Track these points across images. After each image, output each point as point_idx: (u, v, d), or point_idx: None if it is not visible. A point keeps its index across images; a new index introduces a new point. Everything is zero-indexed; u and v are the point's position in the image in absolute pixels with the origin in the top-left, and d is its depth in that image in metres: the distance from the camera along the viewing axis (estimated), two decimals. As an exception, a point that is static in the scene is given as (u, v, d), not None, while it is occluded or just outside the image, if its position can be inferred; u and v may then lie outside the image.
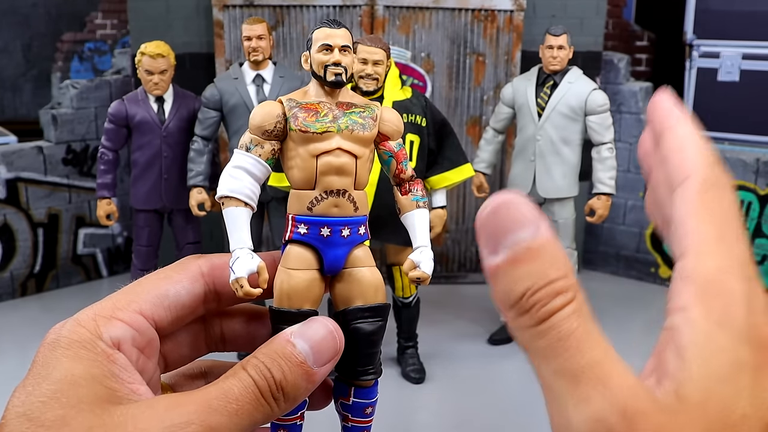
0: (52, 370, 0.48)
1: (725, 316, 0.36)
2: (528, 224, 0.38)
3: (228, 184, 0.66)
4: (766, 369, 0.36)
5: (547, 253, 0.37)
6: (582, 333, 0.37)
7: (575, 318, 0.37)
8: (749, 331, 0.36)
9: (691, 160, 0.41)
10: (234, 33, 4.72)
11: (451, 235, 5.22)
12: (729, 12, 5.16)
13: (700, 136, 0.42)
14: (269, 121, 0.67)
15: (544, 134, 3.87)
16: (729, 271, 0.37)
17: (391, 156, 0.71)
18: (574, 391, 0.36)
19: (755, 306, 0.37)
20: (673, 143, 0.42)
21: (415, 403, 3.61)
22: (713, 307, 0.37)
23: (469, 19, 4.86)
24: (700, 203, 0.39)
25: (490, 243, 0.38)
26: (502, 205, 0.38)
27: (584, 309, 0.37)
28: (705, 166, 0.40)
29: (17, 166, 4.75)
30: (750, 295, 0.37)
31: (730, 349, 0.36)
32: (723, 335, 0.36)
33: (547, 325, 0.37)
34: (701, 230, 0.39)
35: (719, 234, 0.38)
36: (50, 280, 5.03)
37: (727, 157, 4.92)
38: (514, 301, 0.38)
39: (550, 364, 0.37)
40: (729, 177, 0.41)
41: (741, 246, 0.38)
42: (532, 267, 0.37)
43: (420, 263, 0.69)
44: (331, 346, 0.56)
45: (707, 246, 0.38)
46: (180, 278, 0.58)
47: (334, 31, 0.69)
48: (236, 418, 0.49)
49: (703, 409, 0.35)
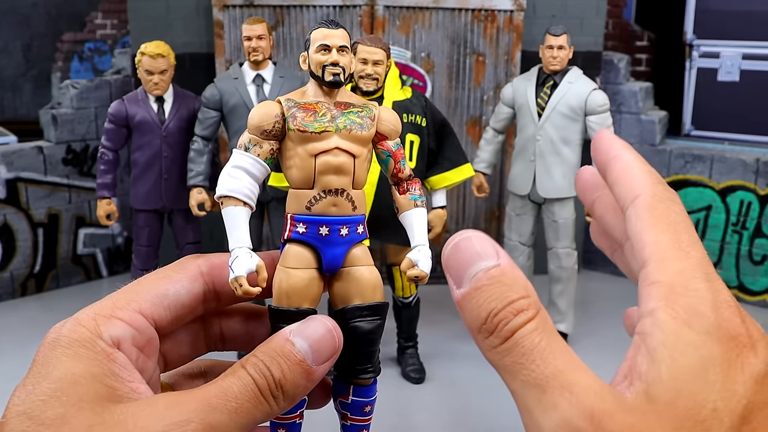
0: (52, 369, 0.48)
1: (692, 314, 0.38)
2: (487, 256, 0.41)
3: (227, 184, 0.66)
4: (736, 362, 0.37)
5: (507, 278, 0.41)
6: (545, 346, 0.39)
7: (537, 333, 0.39)
8: (717, 327, 0.38)
9: (639, 181, 0.44)
10: (234, 33, 4.73)
11: (451, 235, 5.22)
12: (729, 12, 5.16)
13: (643, 160, 0.45)
14: (268, 120, 0.67)
15: (544, 134, 3.87)
16: (691, 273, 0.39)
17: (389, 155, 0.72)
18: (542, 399, 0.38)
19: (720, 302, 0.39)
20: (620, 168, 0.45)
21: (415, 403, 3.61)
22: (680, 308, 0.38)
23: (469, 19, 4.86)
24: (653, 216, 0.42)
25: (456, 277, 0.42)
26: (463, 241, 0.42)
27: (546, 324, 0.40)
28: (652, 184, 0.43)
29: (17, 166, 4.75)
30: (714, 293, 0.39)
31: (699, 345, 0.37)
32: (691, 333, 0.37)
33: (512, 342, 0.39)
34: (658, 240, 0.41)
35: (675, 241, 0.41)
36: (50, 280, 5.03)
37: (727, 157, 4.92)
38: (480, 325, 0.40)
39: (517, 378, 0.39)
40: (674, 192, 0.43)
41: (697, 249, 0.41)
42: (493, 291, 0.40)
43: (418, 262, 0.69)
44: (330, 344, 0.56)
45: (666, 253, 0.40)
46: (179, 278, 0.58)
47: (332, 32, 0.69)
48: (236, 416, 0.50)
49: (672, 408, 0.36)
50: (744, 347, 0.38)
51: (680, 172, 5.09)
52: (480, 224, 5.23)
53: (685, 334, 0.37)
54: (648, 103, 5.33)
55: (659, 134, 5.20)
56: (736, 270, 4.95)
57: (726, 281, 5.14)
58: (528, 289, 0.41)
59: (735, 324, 0.38)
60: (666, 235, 0.41)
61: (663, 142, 5.25)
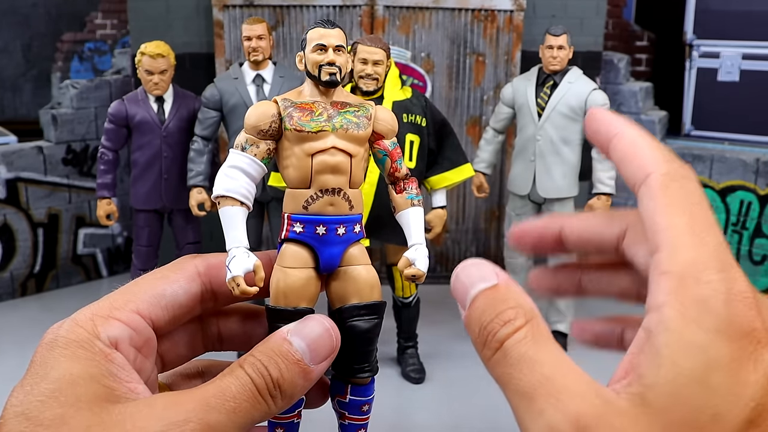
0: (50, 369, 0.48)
1: (702, 311, 0.36)
2: (485, 278, 0.43)
3: (224, 184, 0.66)
4: (747, 361, 0.36)
5: (500, 293, 0.42)
6: (532, 354, 0.39)
7: (524, 342, 0.40)
8: (729, 323, 0.36)
9: (649, 158, 0.41)
10: (234, 33, 4.73)
11: (451, 235, 5.22)
12: (729, 12, 5.16)
13: (649, 135, 0.43)
14: (264, 120, 0.67)
15: (544, 134, 3.87)
16: (705, 263, 0.37)
17: (386, 155, 0.72)
18: (530, 407, 0.38)
19: (735, 295, 0.37)
20: (625, 146, 0.43)
21: (415, 403, 3.61)
22: (689, 303, 0.37)
23: (469, 19, 4.86)
24: (666, 197, 0.40)
25: (461, 302, 0.44)
26: (463, 270, 0.44)
27: (537, 331, 0.40)
28: (663, 162, 0.41)
29: (17, 166, 4.75)
30: (728, 284, 0.37)
31: (705, 346, 0.36)
32: (699, 332, 0.36)
33: (501, 353, 0.40)
34: (672, 224, 0.39)
35: (690, 225, 0.39)
36: (50, 280, 5.03)
37: (727, 157, 4.92)
38: (475, 338, 0.42)
39: (509, 388, 0.40)
40: (689, 168, 0.41)
41: (714, 234, 0.39)
42: (486, 306, 0.42)
43: (415, 261, 0.70)
44: (328, 343, 0.56)
45: (680, 239, 0.38)
46: (177, 278, 0.58)
47: (329, 31, 0.69)
48: (234, 415, 0.50)
49: (667, 413, 0.36)
50: (759, 343, 0.36)
51: (680, 172, 5.08)
52: (480, 224, 5.23)
53: (691, 334, 0.36)
54: (648, 103, 5.33)
55: (659, 134, 5.20)
56: (736, 270, 4.95)
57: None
58: (520, 300, 0.41)
59: (749, 318, 0.36)
60: (681, 219, 0.39)
61: (663, 142, 5.24)
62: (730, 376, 0.35)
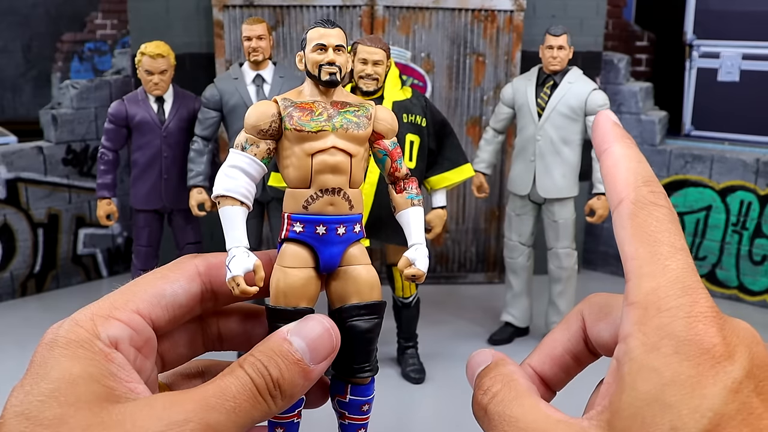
0: (50, 369, 0.48)
1: (662, 336, 0.39)
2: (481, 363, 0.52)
3: (224, 184, 0.66)
4: (707, 375, 0.38)
5: (488, 369, 0.51)
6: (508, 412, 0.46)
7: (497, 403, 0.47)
8: (687, 343, 0.38)
9: (622, 183, 0.44)
10: (234, 33, 4.73)
11: (451, 235, 5.22)
12: (729, 12, 5.16)
13: (634, 154, 0.45)
14: (264, 120, 0.67)
15: (544, 134, 3.87)
16: (665, 290, 0.40)
17: (386, 154, 0.72)
18: None
19: (695, 316, 0.39)
20: (608, 166, 0.45)
21: (415, 403, 3.61)
22: (651, 332, 0.39)
23: (469, 19, 4.86)
24: (633, 227, 0.42)
25: (471, 384, 0.52)
26: (470, 359, 0.54)
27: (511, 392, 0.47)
28: (634, 188, 0.43)
29: (17, 166, 4.75)
30: (689, 308, 0.39)
31: (662, 368, 0.38)
32: (657, 357, 0.39)
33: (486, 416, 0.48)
34: (637, 254, 0.42)
35: (652, 254, 0.41)
36: (50, 280, 5.03)
37: (727, 157, 4.92)
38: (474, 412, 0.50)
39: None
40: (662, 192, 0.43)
41: (677, 259, 0.41)
42: (477, 382, 0.51)
43: (415, 261, 0.69)
44: (328, 343, 0.56)
45: (643, 269, 0.41)
46: (177, 277, 0.58)
47: (328, 31, 0.69)
48: (234, 415, 0.50)
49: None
50: (720, 357, 0.38)
51: (680, 172, 5.09)
52: (480, 224, 5.23)
53: (651, 360, 0.39)
54: (648, 103, 5.33)
55: (659, 134, 5.20)
56: (736, 270, 4.95)
57: (726, 281, 5.14)
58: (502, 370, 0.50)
59: (709, 336, 0.38)
60: (645, 248, 0.41)
61: (663, 142, 5.25)
62: (687, 392, 0.38)
